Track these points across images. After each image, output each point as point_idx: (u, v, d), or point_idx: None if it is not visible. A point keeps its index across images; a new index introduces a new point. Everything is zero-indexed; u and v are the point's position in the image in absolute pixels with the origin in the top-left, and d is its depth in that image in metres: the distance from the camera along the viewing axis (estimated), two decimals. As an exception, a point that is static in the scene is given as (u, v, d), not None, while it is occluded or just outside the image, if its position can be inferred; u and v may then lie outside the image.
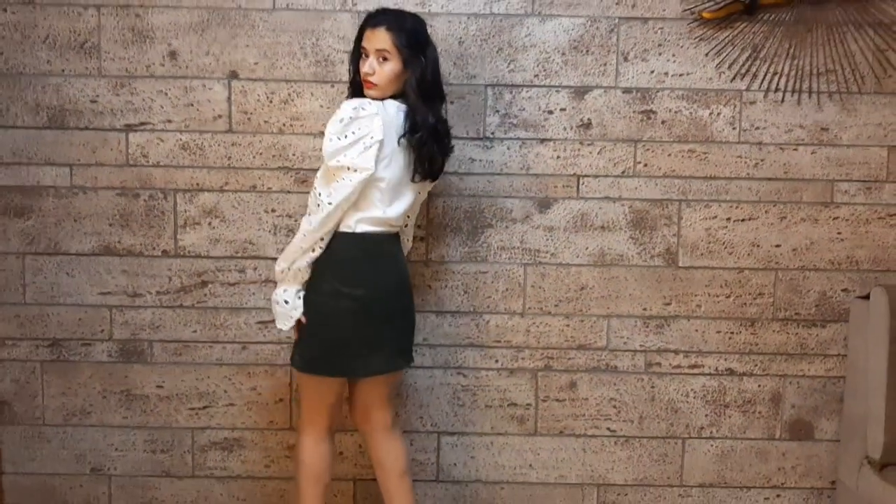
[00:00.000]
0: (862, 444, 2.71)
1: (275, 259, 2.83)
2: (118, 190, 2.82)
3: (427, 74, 2.39)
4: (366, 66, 2.37)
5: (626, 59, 2.80)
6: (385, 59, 2.36)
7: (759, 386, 2.90)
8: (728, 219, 2.85)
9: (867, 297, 2.72)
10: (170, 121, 2.80)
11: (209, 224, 2.84)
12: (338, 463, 2.91)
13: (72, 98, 2.79)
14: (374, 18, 2.39)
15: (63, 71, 2.78)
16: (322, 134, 2.77)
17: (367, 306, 2.36)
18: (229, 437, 2.92)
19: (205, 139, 2.81)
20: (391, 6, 2.57)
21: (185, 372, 2.89)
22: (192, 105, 2.79)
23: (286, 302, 2.38)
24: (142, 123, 2.80)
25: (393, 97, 2.41)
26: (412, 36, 2.38)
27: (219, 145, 2.81)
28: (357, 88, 2.45)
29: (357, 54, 2.44)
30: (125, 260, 2.85)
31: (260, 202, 2.83)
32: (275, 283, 2.80)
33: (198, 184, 2.82)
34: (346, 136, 2.28)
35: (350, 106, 2.31)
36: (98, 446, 2.92)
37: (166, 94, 2.79)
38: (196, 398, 2.90)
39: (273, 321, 2.78)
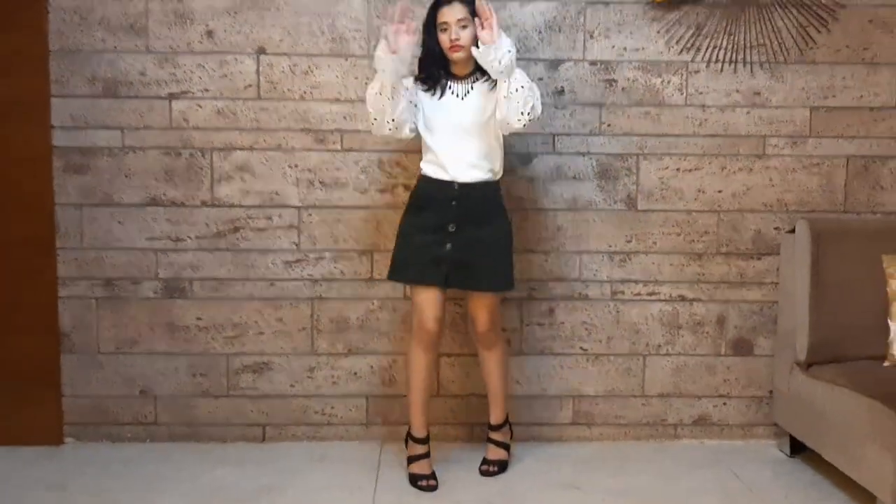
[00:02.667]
0: (792, 354, 3.25)
1: (297, 208, 3.33)
2: (163, 149, 3.31)
3: None
4: (452, 35, 2.87)
5: (591, 37, 3.33)
6: (464, 26, 2.87)
7: (707, 310, 3.44)
8: (678, 169, 3.39)
9: (794, 230, 3.28)
10: (207, 90, 3.29)
11: (241, 178, 3.32)
12: (353, 381, 3.41)
13: (123, 71, 3.27)
14: None
15: (116, 48, 3.26)
16: (338, 101, 3.30)
17: None
18: (259, 362, 3.40)
19: (237, 105, 3.30)
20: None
21: (220, 306, 3.37)
22: (226, 76, 3.29)
23: None
24: (183, 92, 3.29)
25: None
26: (473, 5, 2.88)
27: (249, 110, 3.30)
28: (429, 62, 2.95)
29: (433, 33, 2.91)
30: (169, 209, 3.33)
31: (284, 159, 3.32)
32: (297, 228, 3.31)
33: (231, 143, 3.31)
34: None
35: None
36: (145, 371, 3.38)
37: (204, 67, 3.28)
38: (230, 328, 3.38)
39: (295, 261, 3.28)
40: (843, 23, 3.33)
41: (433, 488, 3.01)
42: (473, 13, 2.85)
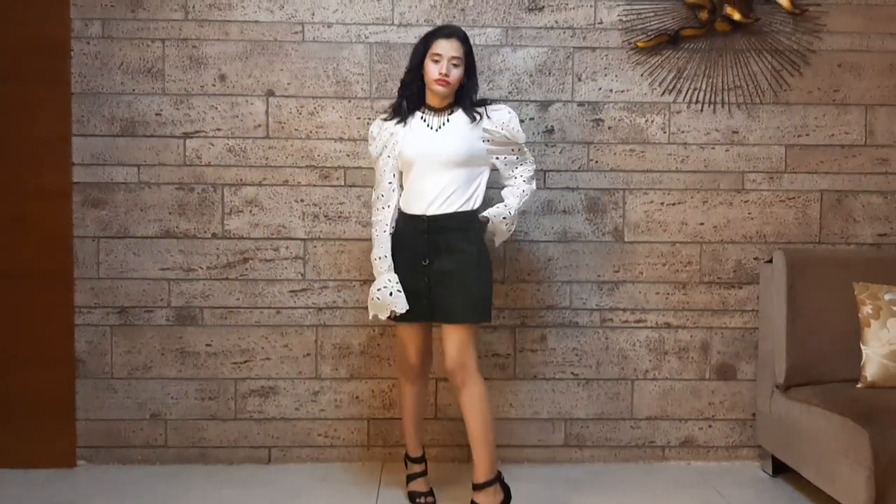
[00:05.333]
0: (772, 377, 3.42)
1: (303, 240, 3.52)
2: (177, 185, 3.51)
3: (477, 89, 3.04)
4: (442, 68, 2.89)
5: (579, 80, 3.56)
6: (455, 65, 2.92)
7: (691, 336, 3.62)
8: (662, 203, 3.60)
9: (771, 260, 3.47)
10: (219, 129, 3.50)
11: (250, 212, 3.52)
12: (354, 405, 3.57)
13: (140, 112, 3.48)
14: (448, 29, 2.99)
15: (133, 90, 3.48)
16: (341, 139, 3.50)
17: None
18: (265, 386, 3.56)
19: (247, 144, 3.51)
20: (397, 40, 3.33)
21: (229, 332, 3.54)
22: (237, 117, 3.50)
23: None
24: (196, 131, 3.50)
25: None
26: (472, 53, 2.99)
27: (258, 148, 3.51)
28: (409, 87, 2.99)
29: (421, 60, 2.95)
30: (182, 241, 3.52)
31: (291, 194, 3.53)
32: (302, 259, 3.49)
33: (241, 179, 3.52)
34: None
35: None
36: (157, 395, 3.54)
37: (216, 108, 3.50)
38: (238, 354, 3.55)
39: (301, 290, 3.46)
40: (814, 67, 3.57)
41: None
42: (467, 54, 2.96)
